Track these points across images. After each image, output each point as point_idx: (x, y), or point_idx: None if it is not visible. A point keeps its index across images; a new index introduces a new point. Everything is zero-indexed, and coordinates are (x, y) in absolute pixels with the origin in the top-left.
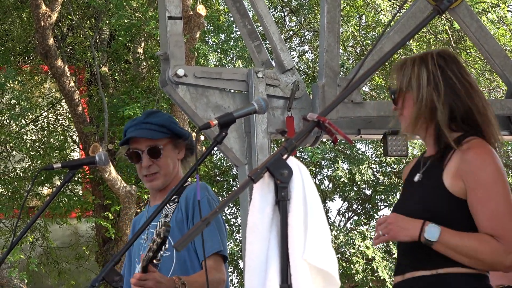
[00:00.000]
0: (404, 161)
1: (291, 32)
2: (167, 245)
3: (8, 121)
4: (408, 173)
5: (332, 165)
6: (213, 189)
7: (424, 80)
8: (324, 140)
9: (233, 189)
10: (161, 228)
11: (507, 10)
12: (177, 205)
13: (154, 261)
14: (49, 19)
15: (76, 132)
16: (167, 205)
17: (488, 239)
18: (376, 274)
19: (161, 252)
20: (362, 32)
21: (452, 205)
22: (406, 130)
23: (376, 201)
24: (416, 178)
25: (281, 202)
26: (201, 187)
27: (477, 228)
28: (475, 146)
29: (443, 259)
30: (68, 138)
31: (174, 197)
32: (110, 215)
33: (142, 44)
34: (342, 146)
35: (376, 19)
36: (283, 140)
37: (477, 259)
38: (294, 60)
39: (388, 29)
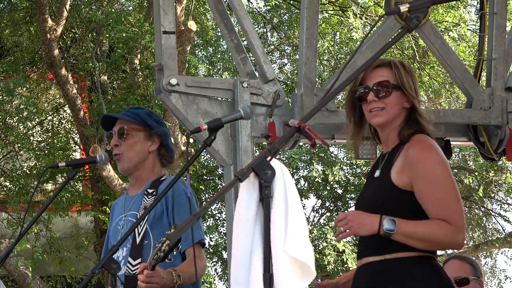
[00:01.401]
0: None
1: (272, 46)
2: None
3: (16, 123)
4: (370, 169)
5: (307, 167)
6: (200, 187)
7: (411, 83)
8: (301, 144)
9: (218, 187)
10: (171, 231)
11: (467, 29)
12: (155, 198)
13: (166, 260)
14: (54, 32)
15: (77, 134)
16: (146, 197)
17: (439, 223)
18: (346, 265)
19: (174, 253)
20: (336, 47)
21: (399, 197)
22: (387, 122)
23: (347, 199)
24: (377, 173)
25: (265, 199)
26: (178, 181)
27: (424, 216)
28: (416, 141)
29: (391, 246)
30: (71, 140)
31: (152, 190)
32: (107, 209)
33: (139, 55)
34: (317, 150)
35: (349, 35)
36: (266, 143)
37: (432, 242)
38: (275, 72)
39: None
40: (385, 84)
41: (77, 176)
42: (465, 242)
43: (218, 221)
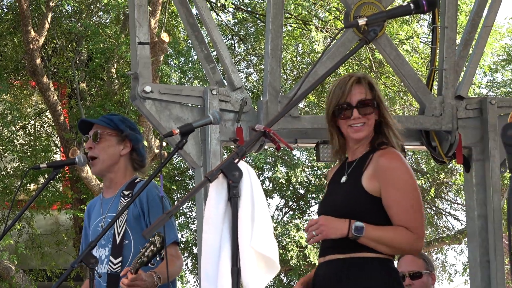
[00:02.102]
0: (332, 166)
1: (240, 57)
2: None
3: (1, 127)
4: (332, 175)
5: (272, 168)
6: (173, 187)
7: (382, 97)
8: (266, 147)
9: (189, 188)
10: (155, 238)
11: (420, 42)
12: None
13: (149, 264)
14: (37, 43)
15: (58, 137)
16: (123, 199)
17: (402, 231)
18: (308, 260)
19: (157, 258)
20: (299, 58)
21: (369, 202)
22: (367, 135)
23: (308, 199)
24: (343, 179)
25: (233, 198)
26: (152, 186)
27: (390, 220)
28: (387, 152)
29: (356, 246)
30: (52, 143)
31: (128, 192)
32: (85, 207)
33: (115, 65)
34: (281, 153)
35: (310, 47)
36: (234, 147)
37: (395, 248)
38: (242, 80)
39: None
40: (368, 102)
41: (57, 177)
42: None
43: (189, 219)
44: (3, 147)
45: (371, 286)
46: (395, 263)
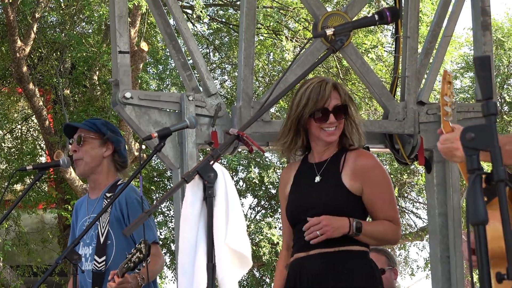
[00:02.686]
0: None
1: (214, 65)
2: (108, 235)
3: None
4: (294, 176)
5: (245, 170)
6: (151, 187)
7: (353, 101)
8: (240, 150)
9: (167, 188)
10: (141, 246)
11: (384, 51)
12: (113, 203)
13: (136, 270)
14: (23, 52)
15: (43, 141)
16: (105, 201)
17: (388, 223)
18: (279, 256)
19: (144, 264)
20: (270, 66)
21: (352, 201)
22: (336, 139)
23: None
24: (317, 179)
25: (208, 198)
26: (130, 190)
27: (368, 216)
28: (363, 153)
29: (343, 240)
30: (37, 146)
31: (110, 194)
32: (69, 207)
33: (97, 72)
34: (254, 155)
35: (281, 56)
36: (209, 149)
37: (384, 239)
38: (217, 87)
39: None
40: (342, 108)
41: (42, 178)
42: None
43: (167, 217)
44: None
45: (360, 278)
46: None
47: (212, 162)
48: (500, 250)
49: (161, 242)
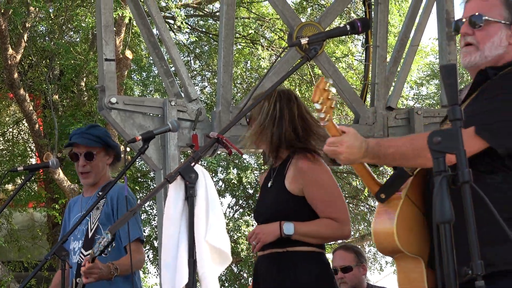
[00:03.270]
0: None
1: (195, 72)
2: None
3: None
4: (263, 180)
5: (225, 171)
6: (136, 187)
7: (264, 111)
8: (219, 152)
9: (151, 188)
10: (108, 232)
11: (354, 59)
12: (105, 200)
13: (103, 254)
14: (14, 59)
15: (34, 143)
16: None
17: (327, 222)
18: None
19: (109, 249)
20: (248, 73)
21: (294, 202)
22: (250, 145)
23: (257, 198)
24: (269, 184)
25: (189, 198)
26: (122, 189)
27: (316, 216)
28: (305, 156)
29: (291, 241)
30: (28, 148)
31: (101, 193)
32: (57, 206)
33: (84, 79)
34: (232, 157)
35: (258, 64)
36: (190, 152)
37: (324, 238)
38: (197, 93)
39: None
40: None
41: (33, 178)
42: (352, 233)
43: (150, 215)
44: None
45: (304, 278)
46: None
47: (193, 163)
48: (391, 245)
49: (144, 239)
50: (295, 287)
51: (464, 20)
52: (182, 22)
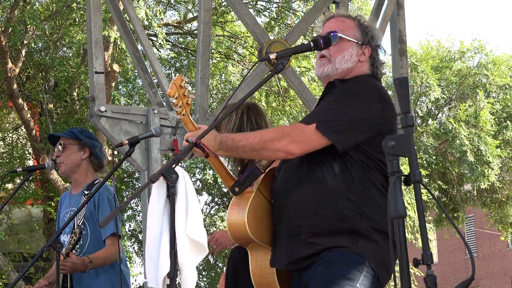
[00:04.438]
0: None
1: None
2: (82, 227)
3: None
4: None
5: (202, 172)
6: (122, 186)
7: (232, 120)
8: (196, 155)
9: (136, 187)
10: (77, 230)
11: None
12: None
13: (73, 250)
14: (13, 72)
15: (31, 147)
16: (83, 197)
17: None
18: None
19: (77, 246)
20: (222, 85)
21: None
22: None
23: (230, 196)
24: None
25: (171, 196)
26: (103, 188)
27: None
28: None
29: None
30: (26, 152)
31: (87, 192)
32: (52, 203)
33: (76, 89)
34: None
35: (231, 77)
36: (171, 155)
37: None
38: None
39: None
40: None
41: (30, 178)
42: None
43: (135, 212)
44: None
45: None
46: None
47: (174, 165)
48: (243, 235)
49: (130, 233)
50: None
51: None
52: (163, 39)
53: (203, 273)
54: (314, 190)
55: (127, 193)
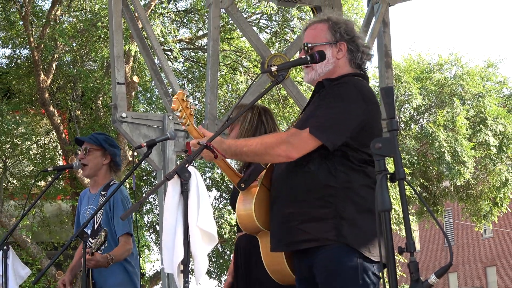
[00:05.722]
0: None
1: (188, 93)
2: (107, 230)
3: (21, 142)
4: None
5: (211, 170)
6: (141, 183)
7: (247, 120)
8: None
9: (153, 184)
10: (103, 233)
11: None
12: (105, 198)
13: (99, 251)
14: (45, 83)
15: (61, 149)
16: (101, 197)
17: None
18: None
19: (103, 247)
20: (229, 94)
21: None
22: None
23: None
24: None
25: (184, 192)
26: (118, 191)
27: None
28: None
29: None
30: (56, 153)
31: (104, 192)
32: None
33: (101, 98)
34: None
35: (237, 86)
36: (184, 156)
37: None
38: None
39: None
40: None
41: (60, 177)
42: None
43: (153, 206)
44: (22, 156)
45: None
46: None
47: (187, 165)
48: (252, 225)
49: (148, 225)
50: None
51: (301, 47)
52: (177, 54)
53: (213, 260)
54: (301, 181)
55: (145, 189)
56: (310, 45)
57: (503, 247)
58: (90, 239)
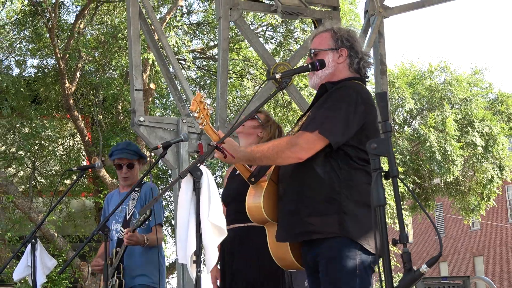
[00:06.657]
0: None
1: None
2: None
3: (47, 144)
4: (231, 172)
5: (221, 169)
6: (158, 182)
7: (267, 131)
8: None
9: (168, 182)
10: (146, 210)
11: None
12: (139, 194)
13: (142, 226)
14: (70, 90)
15: (84, 151)
16: (133, 192)
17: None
18: None
19: (146, 223)
20: (238, 99)
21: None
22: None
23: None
24: (237, 172)
25: (196, 189)
26: (154, 188)
27: None
28: None
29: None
30: (80, 154)
31: (138, 189)
32: (102, 195)
33: (121, 104)
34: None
35: (245, 92)
36: (197, 156)
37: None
38: None
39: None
40: None
41: (84, 176)
42: None
43: (168, 202)
44: (49, 157)
45: (265, 255)
46: None
47: (199, 164)
48: (260, 216)
49: (164, 219)
50: (253, 256)
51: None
52: (190, 63)
53: None
54: (307, 178)
55: (161, 187)
56: (314, 51)
57: (490, 238)
58: (122, 228)
